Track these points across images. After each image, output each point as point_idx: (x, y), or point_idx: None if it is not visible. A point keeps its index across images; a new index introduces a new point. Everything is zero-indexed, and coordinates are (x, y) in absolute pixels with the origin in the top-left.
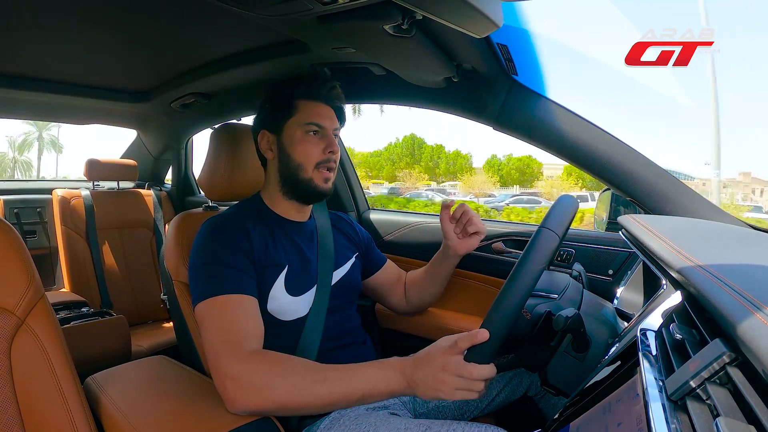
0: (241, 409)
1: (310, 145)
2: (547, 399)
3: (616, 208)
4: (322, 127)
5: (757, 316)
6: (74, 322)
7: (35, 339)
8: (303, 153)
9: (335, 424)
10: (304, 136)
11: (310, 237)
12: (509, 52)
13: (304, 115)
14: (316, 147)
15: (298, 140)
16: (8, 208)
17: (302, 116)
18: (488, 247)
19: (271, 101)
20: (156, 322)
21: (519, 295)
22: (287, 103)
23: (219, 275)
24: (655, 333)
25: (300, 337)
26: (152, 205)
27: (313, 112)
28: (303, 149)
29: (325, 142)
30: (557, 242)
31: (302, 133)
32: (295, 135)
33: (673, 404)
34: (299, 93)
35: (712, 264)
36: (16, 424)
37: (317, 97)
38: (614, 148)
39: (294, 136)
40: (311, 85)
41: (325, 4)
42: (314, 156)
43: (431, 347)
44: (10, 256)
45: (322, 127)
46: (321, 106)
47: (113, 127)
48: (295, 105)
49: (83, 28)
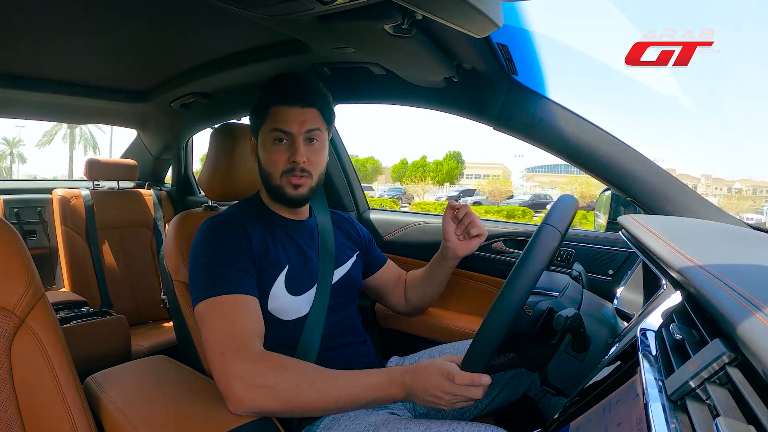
0: (246, 409)
1: (275, 153)
2: (547, 399)
3: (616, 208)
4: (289, 133)
5: (756, 316)
6: (74, 321)
7: (35, 339)
8: (269, 161)
9: (335, 423)
10: (271, 144)
11: (311, 235)
12: (509, 52)
13: (272, 122)
14: (280, 156)
15: (266, 148)
16: (8, 208)
17: (271, 122)
18: (488, 247)
19: (254, 106)
20: (156, 322)
21: (521, 291)
22: (263, 109)
23: (219, 275)
24: (655, 333)
25: (300, 337)
26: (152, 205)
27: (279, 118)
28: (269, 158)
29: (289, 150)
30: (559, 238)
31: (270, 141)
32: (265, 142)
33: (673, 404)
34: (272, 98)
35: (711, 264)
36: (16, 423)
37: (287, 101)
38: (614, 148)
39: (264, 143)
40: (280, 88)
41: (325, 4)
42: (279, 165)
43: (431, 365)
44: (10, 256)
45: (287, 132)
46: (289, 111)
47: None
48: (268, 111)
49: (83, 28)
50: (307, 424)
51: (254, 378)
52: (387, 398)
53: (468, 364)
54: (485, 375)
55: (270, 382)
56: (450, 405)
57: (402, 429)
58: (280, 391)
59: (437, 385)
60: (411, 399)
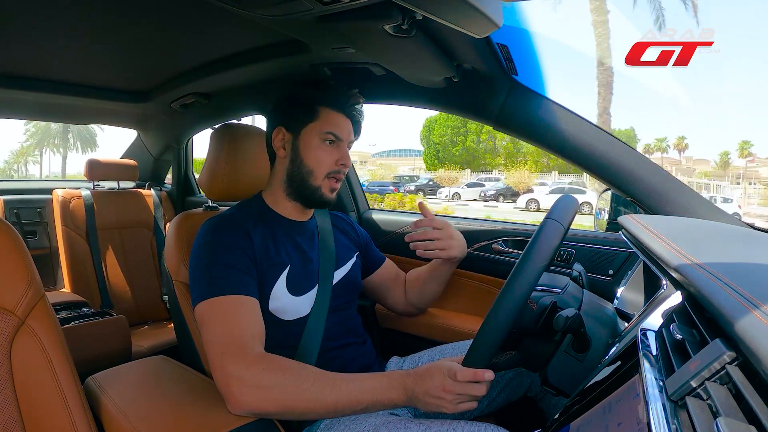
0: (245, 410)
1: (324, 153)
2: (548, 399)
3: (616, 208)
4: (340, 139)
5: (757, 316)
6: (74, 322)
7: (35, 339)
8: (316, 160)
9: (335, 424)
10: (321, 144)
11: (311, 236)
12: (509, 52)
13: (325, 123)
14: (330, 156)
15: (314, 146)
16: (8, 208)
17: (323, 124)
18: (488, 247)
19: (292, 101)
20: (156, 322)
21: (526, 284)
22: (309, 107)
23: (219, 276)
24: (656, 333)
25: (301, 337)
26: (152, 205)
27: (334, 122)
28: (317, 156)
29: (339, 153)
30: (562, 233)
31: (319, 140)
32: (312, 141)
33: (674, 404)
34: (324, 99)
35: (712, 264)
36: (16, 424)
37: (340, 108)
38: (614, 148)
39: (311, 141)
40: (337, 94)
41: (326, 4)
42: (326, 165)
43: (432, 366)
44: (10, 256)
45: (339, 138)
46: (342, 117)
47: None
48: (318, 111)
49: (84, 28)
50: (307, 425)
51: (253, 379)
52: (387, 402)
53: (471, 360)
54: (488, 371)
55: (268, 383)
56: (453, 406)
57: (402, 429)
58: (278, 392)
59: (439, 385)
60: (413, 404)
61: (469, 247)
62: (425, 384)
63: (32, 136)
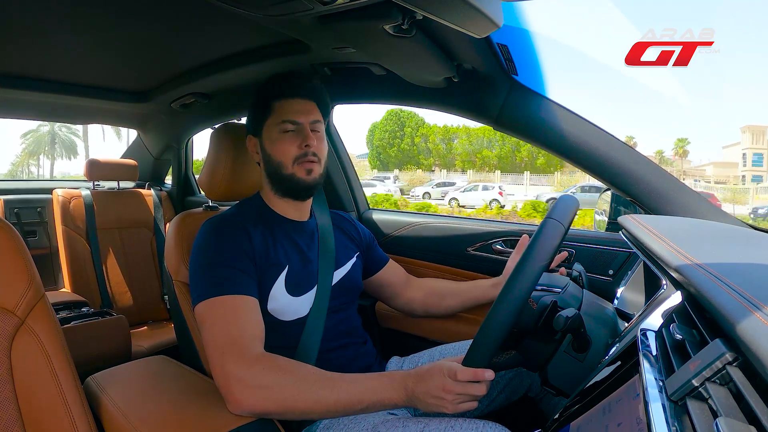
0: (245, 410)
1: (286, 143)
2: (548, 399)
3: (616, 208)
4: (298, 123)
5: (757, 316)
6: (74, 322)
7: (35, 339)
8: (281, 151)
9: (334, 423)
10: (280, 135)
11: (311, 236)
12: (509, 52)
13: (279, 115)
14: (291, 144)
15: (274, 140)
16: (8, 208)
17: (277, 116)
18: (488, 247)
19: (252, 106)
20: (156, 322)
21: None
22: (265, 106)
23: (219, 276)
24: (656, 333)
25: (300, 337)
26: (152, 205)
27: (287, 110)
28: (280, 148)
29: (300, 137)
30: (563, 232)
31: (278, 132)
32: (272, 135)
33: (674, 404)
34: (274, 93)
35: (712, 264)
36: (16, 423)
37: (291, 94)
38: (614, 149)
39: (271, 136)
40: (284, 82)
41: (325, 4)
42: (291, 153)
43: (432, 366)
44: (10, 256)
45: (296, 123)
46: (296, 102)
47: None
48: (271, 106)
49: (83, 28)
50: (306, 425)
51: (252, 379)
52: (387, 402)
53: (471, 359)
54: (488, 370)
55: (269, 383)
56: (453, 406)
57: (401, 428)
58: (278, 392)
59: (440, 385)
60: (413, 404)
61: (469, 247)
62: (426, 384)
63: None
